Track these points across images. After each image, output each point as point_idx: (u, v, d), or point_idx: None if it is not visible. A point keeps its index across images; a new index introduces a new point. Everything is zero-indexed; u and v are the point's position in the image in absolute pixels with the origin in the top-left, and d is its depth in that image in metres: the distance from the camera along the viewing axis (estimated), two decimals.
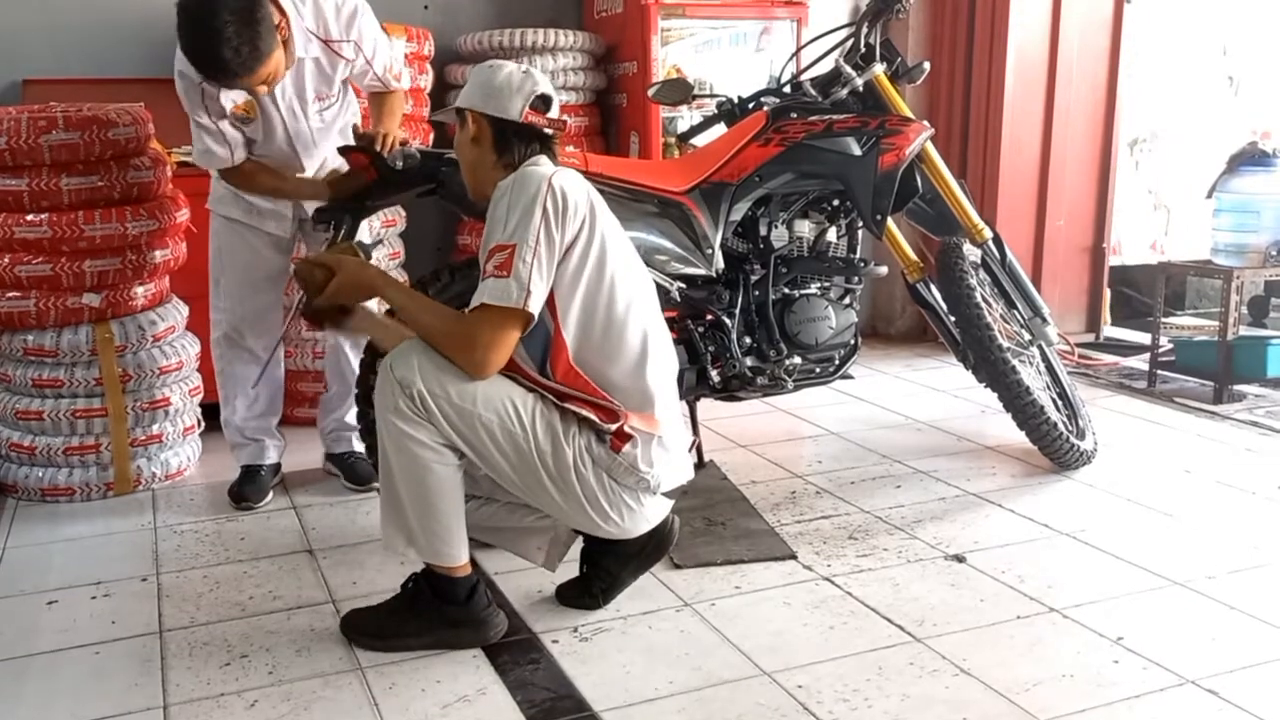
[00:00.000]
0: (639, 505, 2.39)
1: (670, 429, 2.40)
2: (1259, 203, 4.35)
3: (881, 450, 3.73)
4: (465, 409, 2.24)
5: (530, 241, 2.21)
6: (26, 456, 3.38)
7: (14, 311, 3.31)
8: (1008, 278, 3.55)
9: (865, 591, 2.65)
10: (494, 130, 2.37)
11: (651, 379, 2.36)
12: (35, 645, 2.48)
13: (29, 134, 3.18)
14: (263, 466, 3.38)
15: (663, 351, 2.43)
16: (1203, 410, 4.16)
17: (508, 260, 2.20)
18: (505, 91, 2.36)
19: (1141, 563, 2.79)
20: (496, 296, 2.20)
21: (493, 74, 2.40)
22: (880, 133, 3.18)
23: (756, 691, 2.21)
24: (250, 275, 3.26)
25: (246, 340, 3.29)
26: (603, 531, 2.42)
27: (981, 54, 5.06)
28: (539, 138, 2.39)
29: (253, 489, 3.31)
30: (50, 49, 4.17)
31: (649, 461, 2.33)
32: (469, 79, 2.44)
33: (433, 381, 2.23)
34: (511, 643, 2.42)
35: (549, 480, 2.31)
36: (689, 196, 3.12)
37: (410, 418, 2.24)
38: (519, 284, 2.20)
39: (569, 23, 4.82)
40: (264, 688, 2.26)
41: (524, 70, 2.40)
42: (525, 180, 2.27)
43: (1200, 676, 2.24)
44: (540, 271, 2.22)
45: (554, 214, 2.23)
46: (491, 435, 2.26)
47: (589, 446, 2.31)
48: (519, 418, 2.27)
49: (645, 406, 2.35)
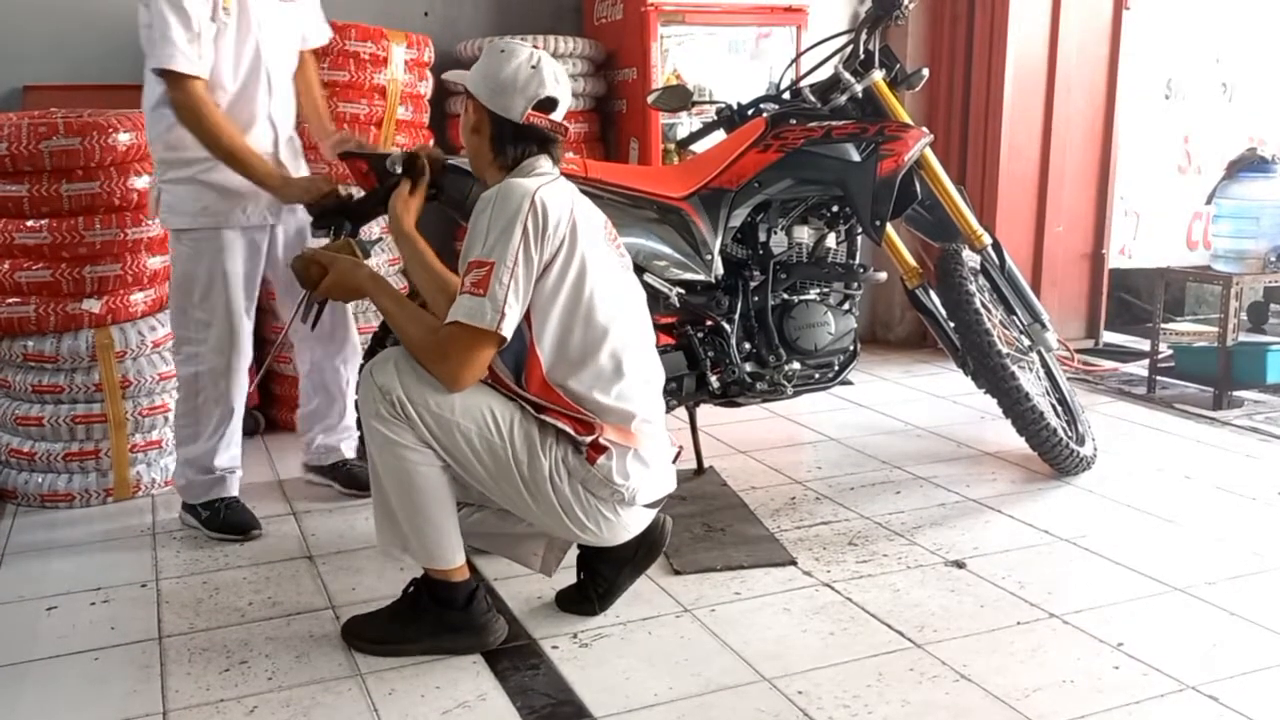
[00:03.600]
0: (615, 516, 2.38)
1: (648, 443, 2.38)
2: (1258, 209, 4.36)
3: (881, 456, 3.73)
4: (444, 417, 2.25)
5: (508, 261, 2.20)
6: (26, 462, 3.38)
7: (14, 317, 3.31)
8: (1007, 284, 3.55)
9: (865, 597, 2.65)
10: (494, 127, 2.37)
11: (628, 395, 2.34)
12: (34, 651, 2.47)
13: (29, 140, 3.19)
14: (237, 496, 3.19)
15: (642, 366, 2.40)
16: (1202, 416, 4.16)
17: (485, 279, 2.20)
18: (510, 89, 2.34)
19: (1142, 568, 2.79)
20: (470, 315, 2.20)
21: (502, 63, 2.36)
22: (879, 139, 3.18)
23: (756, 698, 2.21)
24: (235, 294, 3.01)
25: (232, 376, 3.06)
26: (580, 539, 2.44)
27: (981, 60, 5.07)
28: (538, 140, 2.38)
29: (248, 515, 3.14)
30: (51, 55, 4.17)
31: (624, 474, 2.33)
32: (481, 55, 2.42)
33: (412, 389, 2.25)
34: (511, 648, 2.42)
35: (524, 489, 2.31)
36: (688, 202, 3.12)
37: (391, 422, 2.26)
38: (493, 305, 2.19)
39: (569, 29, 4.83)
40: (263, 694, 2.26)
41: (534, 64, 2.36)
42: (508, 194, 2.25)
43: (1201, 682, 2.24)
44: (516, 293, 2.21)
45: (534, 233, 2.21)
46: (470, 443, 2.27)
47: (565, 458, 2.31)
48: (497, 427, 2.28)
49: (622, 421, 2.34)
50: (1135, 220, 5.49)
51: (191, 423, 3.11)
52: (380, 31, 4.00)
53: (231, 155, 2.86)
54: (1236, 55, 5.68)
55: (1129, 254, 5.49)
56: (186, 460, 3.14)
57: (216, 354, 3.04)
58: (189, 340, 3.06)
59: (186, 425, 3.12)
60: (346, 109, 3.93)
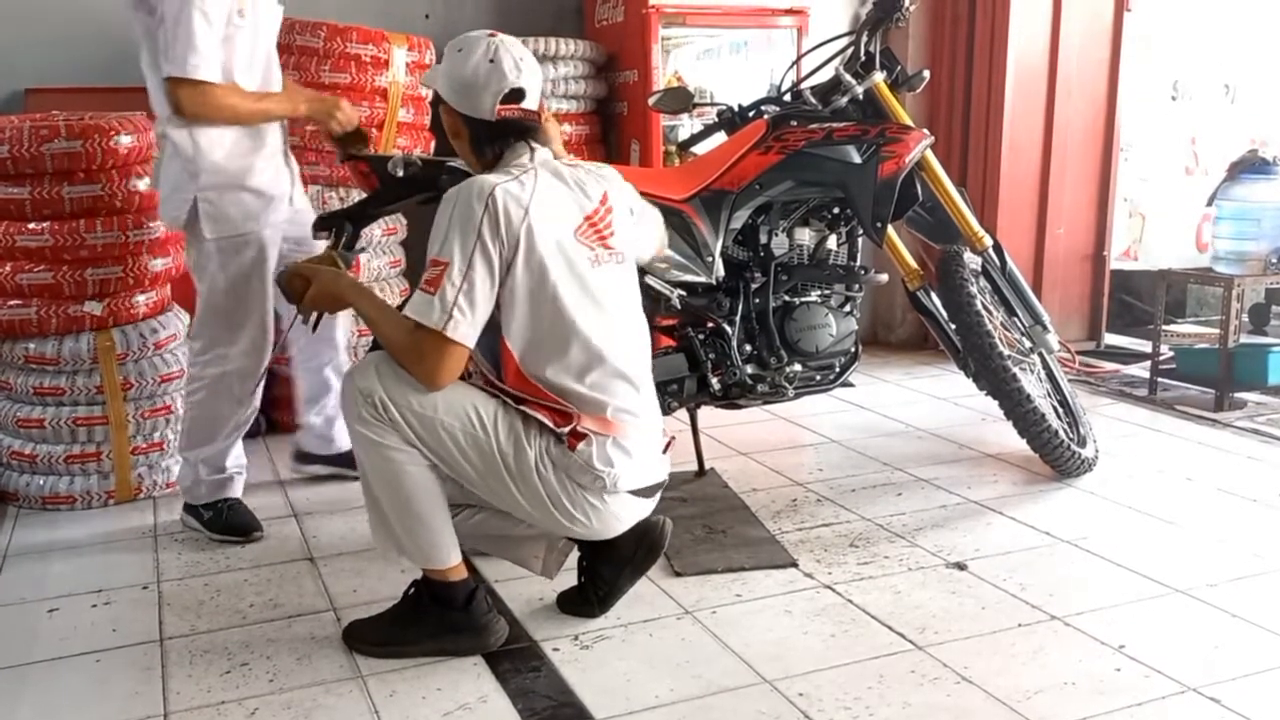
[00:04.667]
0: (603, 504, 2.37)
1: (629, 431, 2.37)
2: (1259, 210, 4.36)
3: (882, 458, 3.73)
4: (427, 416, 2.26)
5: (459, 265, 2.20)
6: (28, 464, 3.39)
7: (15, 319, 3.31)
8: (1008, 285, 3.55)
9: (866, 599, 2.65)
10: (469, 128, 2.38)
11: (602, 385, 2.34)
12: (35, 653, 2.48)
13: (31, 143, 3.19)
14: (240, 498, 3.19)
15: (617, 357, 2.37)
16: (1204, 418, 4.16)
17: (438, 278, 2.20)
18: (473, 88, 2.34)
19: (1143, 570, 2.79)
20: (418, 312, 2.21)
21: (461, 63, 2.36)
22: (880, 141, 3.18)
23: (757, 700, 2.21)
24: (270, 295, 3.02)
25: (258, 377, 3.08)
26: (573, 532, 2.43)
27: (981, 62, 5.07)
28: (516, 132, 2.37)
29: (250, 516, 3.14)
30: (52, 58, 4.18)
31: (606, 461, 2.32)
32: (443, 56, 2.43)
33: (394, 390, 2.26)
34: (512, 650, 2.42)
35: (512, 482, 2.32)
36: (689, 204, 3.12)
37: (374, 424, 2.27)
38: (441, 306, 2.19)
39: (570, 32, 4.83)
40: (265, 695, 2.26)
41: (491, 58, 2.34)
42: (467, 193, 2.23)
43: (1202, 684, 2.24)
44: (470, 296, 2.20)
45: (490, 234, 2.21)
46: (455, 440, 2.28)
47: (548, 448, 2.32)
48: (480, 422, 2.29)
49: (598, 409, 2.34)
50: (1142, 222, 5.49)
51: (209, 423, 3.09)
52: (382, 34, 4.00)
53: (261, 112, 2.94)
54: (1240, 56, 5.69)
55: (1135, 255, 5.49)
56: (201, 460, 3.13)
57: (246, 355, 3.05)
58: (219, 341, 3.04)
59: (203, 426, 3.10)
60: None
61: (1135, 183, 5.55)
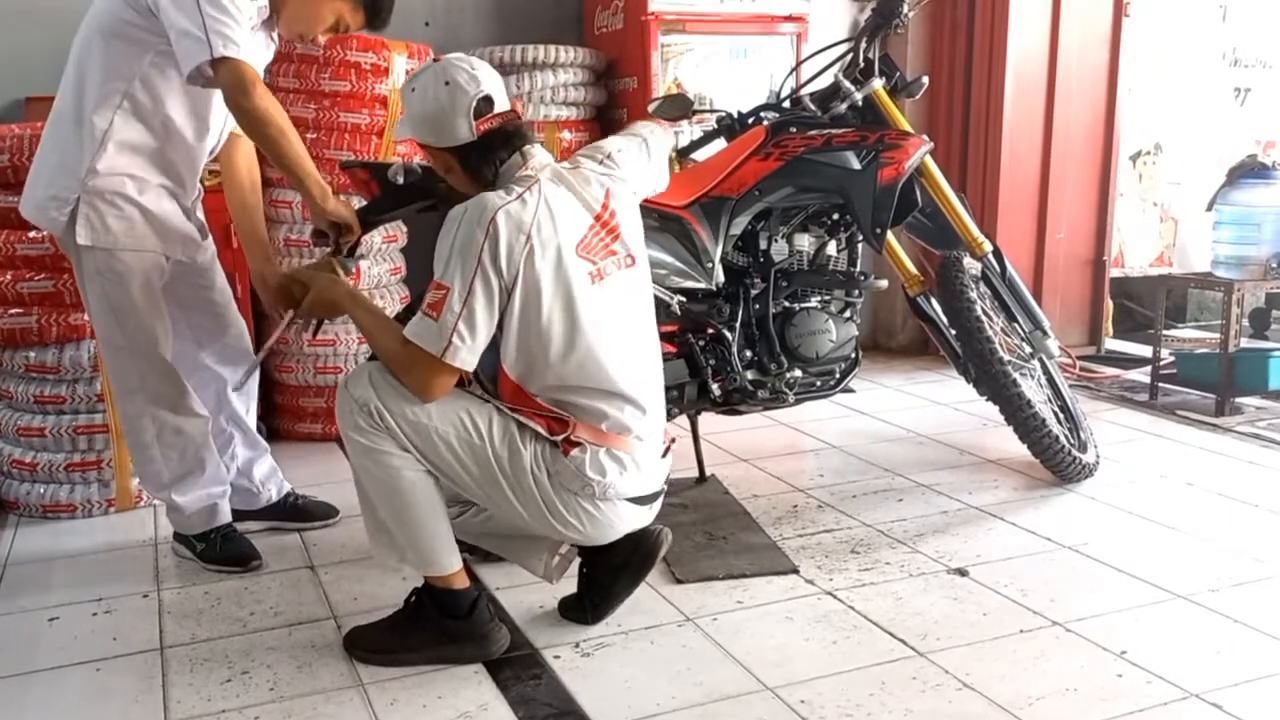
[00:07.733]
0: (597, 512, 2.37)
1: (628, 445, 2.37)
2: (1259, 215, 4.35)
3: (883, 464, 3.73)
4: (421, 423, 2.26)
5: (460, 291, 2.19)
6: (28, 473, 3.38)
7: (15, 328, 3.31)
8: (1008, 291, 3.55)
9: (868, 606, 2.65)
10: (458, 158, 2.35)
11: (599, 400, 2.33)
12: (36, 662, 2.47)
13: (31, 151, 3.18)
14: (232, 524, 3.03)
15: (619, 379, 2.35)
16: (1204, 423, 4.16)
17: (439, 302, 2.20)
18: (442, 118, 2.29)
19: (1144, 576, 2.78)
20: (419, 337, 2.21)
21: (419, 100, 2.31)
22: (879, 147, 3.18)
23: (759, 707, 2.21)
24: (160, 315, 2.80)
25: (189, 398, 2.88)
26: (568, 537, 2.43)
27: (981, 68, 5.07)
28: (503, 142, 2.34)
29: (247, 546, 2.99)
30: (52, 67, 4.15)
31: (599, 469, 2.32)
32: (401, 102, 2.40)
33: (389, 399, 2.26)
34: (513, 658, 2.41)
35: (508, 487, 2.32)
36: (689, 211, 3.12)
37: (370, 432, 2.27)
38: (441, 332, 2.18)
39: (570, 39, 4.83)
40: (265, 704, 2.26)
41: (446, 80, 2.28)
42: (471, 215, 2.21)
43: (1204, 690, 2.23)
44: (470, 322, 2.19)
45: (490, 263, 2.19)
46: (450, 448, 2.28)
47: (543, 453, 2.32)
48: (475, 428, 2.29)
49: (594, 421, 2.34)
50: (1174, 226, 5.45)
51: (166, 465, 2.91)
52: (381, 42, 4.01)
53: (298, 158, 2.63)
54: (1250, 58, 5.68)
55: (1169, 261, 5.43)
56: (175, 497, 2.93)
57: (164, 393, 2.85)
58: (131, 375, 2.84)
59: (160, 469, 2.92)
60: (348, 119, 3.94)
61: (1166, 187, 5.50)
